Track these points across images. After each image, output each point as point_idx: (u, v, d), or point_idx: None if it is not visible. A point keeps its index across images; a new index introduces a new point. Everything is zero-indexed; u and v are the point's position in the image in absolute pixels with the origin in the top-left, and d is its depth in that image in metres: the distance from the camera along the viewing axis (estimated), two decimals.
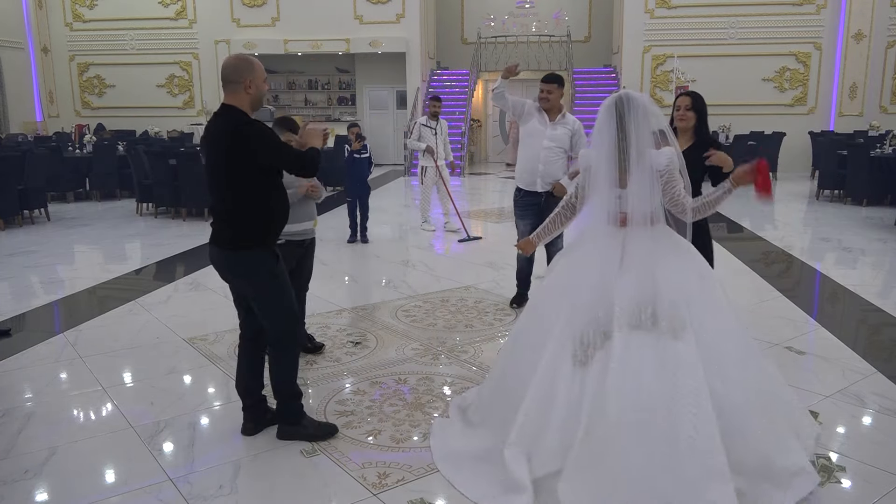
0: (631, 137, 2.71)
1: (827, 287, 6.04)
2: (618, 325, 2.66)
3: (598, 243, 2.85)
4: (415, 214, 10.99)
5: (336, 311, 5.22)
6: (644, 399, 2.55)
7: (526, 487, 2.62)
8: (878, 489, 2.75)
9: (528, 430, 2.74)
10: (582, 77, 17.43)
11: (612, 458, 2.53)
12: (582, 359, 2.70)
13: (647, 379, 2.58)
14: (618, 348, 2.62)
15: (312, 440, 3.13)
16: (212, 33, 17.15)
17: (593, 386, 2.63)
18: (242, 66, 2.95)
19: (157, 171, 9.51)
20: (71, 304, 5.59)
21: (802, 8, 15.77)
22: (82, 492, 2.78)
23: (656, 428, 2.52)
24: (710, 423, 2.50)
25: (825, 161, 11.66)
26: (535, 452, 2.71)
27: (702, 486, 2.45)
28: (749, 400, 2.69)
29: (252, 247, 2.98)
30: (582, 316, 2.75)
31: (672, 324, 2.64)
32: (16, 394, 3.78)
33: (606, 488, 2.50)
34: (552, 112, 4.94)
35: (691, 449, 2.48)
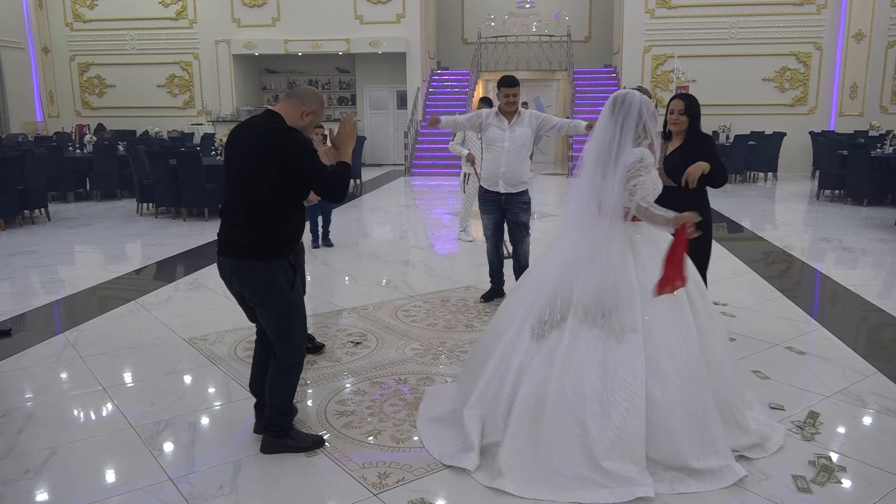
0: (616, 133, 2.92)
1: (827, 287, 6.04)
2: (573, 312, 2.89)
3: (575, 234, 3.05)
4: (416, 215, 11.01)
5: (336, 311, 5.22)
6: (580, 388, 2.77)
7: (473, 447, 2.90)
8: (879, 489, 2.75)
9: (485, 395, 3.02)
10: (582, 77, 17.43)
11: (543, 429, 2.77)
12: (539, 332, 2.94)
13: (586, 370, 2.79)
14: (568, 334, 2.86)
15: (297, 452, 3.04)
16: (212, 33, 17.15)
17: (539, 371, 2.86)
18: (316, 98, 2.96)
19: (158, 171, 9.51)
20: (71, 304, 5.59)
21: (803, 8, 15.78)
22: (82, 492, 2.78)
23: (586, 415, 2.74)
24: (639, 419, 2.72)
25: (826, 161, 11.66)
26: (488, 417, 2.97)
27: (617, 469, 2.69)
28: (682, 409, 2.78)
29: (271, 256, 2.86)
30: (545, 297, 2.98)
31: (622, 324, 2.81)
32: (16, 394, 3.78)
33: (534, 458, 2.77)
34: (511, 115, 5.00)
35: (616, 440, 2.71)
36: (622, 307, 2.82)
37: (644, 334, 2.81)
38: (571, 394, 2.76)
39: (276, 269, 2.87)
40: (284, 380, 3.02)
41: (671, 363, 2.80)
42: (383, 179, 14.88)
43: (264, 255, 2.85)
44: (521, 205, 5.12)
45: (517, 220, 5.16)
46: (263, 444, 3.06)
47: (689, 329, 2.88)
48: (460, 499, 2.74)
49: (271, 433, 3.06)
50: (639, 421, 2.72)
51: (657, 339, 2.82)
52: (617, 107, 2.94)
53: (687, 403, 2.79)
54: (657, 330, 2.82)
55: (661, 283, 2.76)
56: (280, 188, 2.82)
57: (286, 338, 2.97)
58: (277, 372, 3.01)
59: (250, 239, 2.84)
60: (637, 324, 2.80)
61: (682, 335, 2.86)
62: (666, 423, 2.76)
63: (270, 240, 2.85)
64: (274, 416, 3.06)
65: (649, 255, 2.94)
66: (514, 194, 5.08)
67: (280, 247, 2.89)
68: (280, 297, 2.90)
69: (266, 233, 2.84)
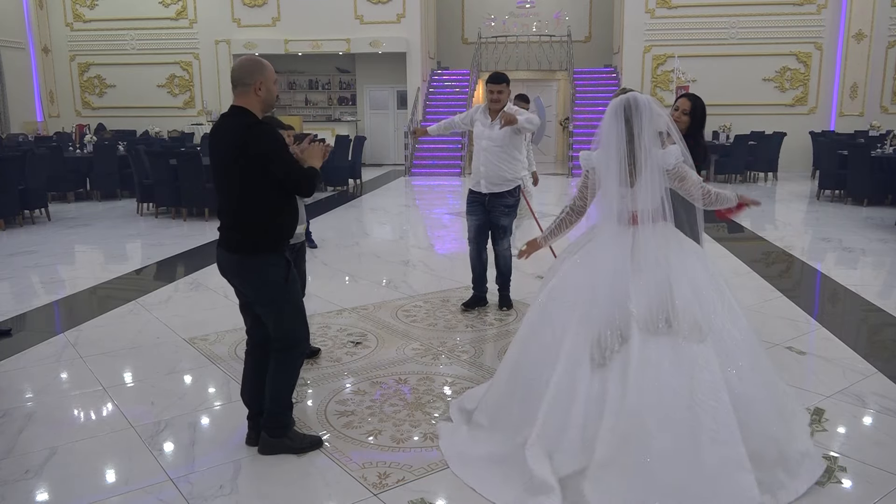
0: (637, 139, 2.80)
1: (828, 287, 6.04)
2: (635, 327, 2.72)
3: (607, 242, 2.89)
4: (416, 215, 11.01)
5: (336, 311, 5.22)
6: (664, 395, 2.62)
7: (553, 487, 2.61)
8: (879, 489, 2.75)
9: (548, 429, 2.74)
10: (582, 77, 17.43)
11: (636, 453, 2.58)
12: (600, 361, 2.73)
13: (666, 376, 2.65)
14: (636, 349, 2.69)
15: (296, 453, 3.01)
16: (212, 33, 17.16)
17: (614, 385, 2.68)
18: (252, 68, 2.88)
19: (158, 171, 9.51)
20: (71, 304, 5.59)
21: (803, 8, 15.77)
22: (83, 492, 2.78)
23: (678, 421, 2.59)
24: (729, 415, 2.60)
25: (826, 161, 11.66)
26: (556, 451, 2.71)
27: (724, 476, 2.54)
28: (761, 392, 2.77)
29: (265, 251, 2.88)
30: (597, 316, 2.78)
31: (689, 327, 2.71)
32: (16, 394, 3.78)
33: (632, 483, 2.55)
34: (495, 112, 4.88)
35: (713, 441, 2.56)
36: (681, 308, 2.74)
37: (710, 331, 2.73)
38: (655, 407, 2.61)
39: (270, 263, 2.89)
40: (284, 371, 3.02)
41: (738, 354, 2.77)
42: (383, 179, 14.88)
43: (258, 251, 2.88)
44: (503, 207, 4.95)
45: (497, 222, 5.00)
46: (261, 444, 3.05)
47: (740, 318, 2.87)
48: (460, 499, 2.73)
49: (269, 432, 3.03)
50: (728, 417, 2.60)
51: (719, 332, 2.75)
52: (631, 111, 2.80)
53: (765, 388, 2.79)
54: (717, 324, 2.76)
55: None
56: (260, 187, 2.83)
57: (285, 330, 2.97)
58: (277, 364, 3.01)
59: (243, 235, 2.88)
60: (700, 322, 2.72)
61: (737, 325, 2.83)
62: (751, 412, 2.68)
63: (263, 235, 2.88)
64: (274, 409, 3.03)
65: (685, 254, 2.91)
66: (498, 195, 4.92)
67: (274, 242, 2.91)
68: (276, 292, 2.92)
69: (258, 229, 2.87)
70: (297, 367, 3.08)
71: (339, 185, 13.11)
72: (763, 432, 2.71)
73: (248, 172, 2.81)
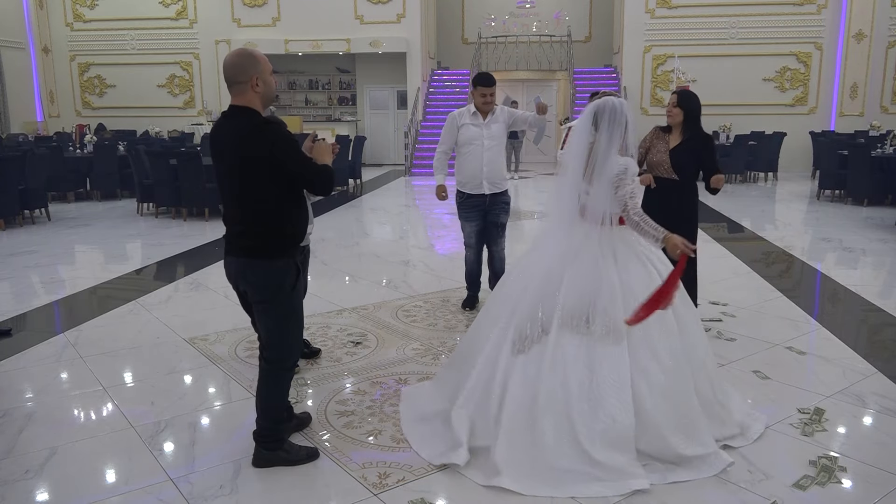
0: (602, 142, 2.99)
1: (828, 287, 6.04)
2: (556, 323, 2.94)
3: (557, 235, 3.13)
4: (416, 215, 11.01)
5: (336, 311, 5.22)
6: (569, 385, 2.85)
7: (462, 443, 2.93)
8: (879, 489, 2.75)
9: (472, 398, 3.07)
10: (582, 77, 17.42)
11: (536, 434, 2.83)
12: (520, 348, 3.00)
13: (574, 371, 2.87)
14: (552, 342, 2.92)
15: (291, 465, 2.93)
16: (212, 33, 17.16)
17: (526, 371, 2.93)
18: (247, 63, 2.72)
19: (158, 171, 9.51)
20: (71, 303, 5.59)
21: (803, 8, 15.78)
22: (83, 492, 2.78)
23: (574, 413, 2.81)
24: (628, 415, 2.81)
25: (826, 161, 11.66)
26: (477, 418, 3.01)
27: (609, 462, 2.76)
28: (667, 403, 2.88)
29: (277, 256, 2.79)
30: (525, 306, 3.04)
31: (606, 329, 2.88)
32: (16, 394, 3.78)
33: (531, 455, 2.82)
34: (486, 113, 4.94)
35: (604, 435, 2.78)
36: (605, 311, 2.89)
37: (627, 335, 2.87)
38: (560, 392, 2.84)
39: (283, 269, 2.80)
40: (276, 385, 2.93)
41: (655, 362, 2.89)
42: (383, 179, 14.89)
43: (273, 255, 2.79)
44: (503, 205, 5.03)
45: (497, 220, 5.04)
46: (255, 457, 2.95)
47: (670, 326, 2.95)
48: (460, 499, 2.73)
49: (262, 445, 2.94)
50: (627, 417, 2.80)
51: (640, 339, 2.89)
52: (605, 115, 2.98)
53: (672, 400, 2.88)
54: (640, 330, 2.87)
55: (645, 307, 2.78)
56: (271, 190, 2.73)
57: (281, 340, 2.89)
58: (268, 375, 2.92)
59: (258, 240, 2.78)
60: (620, 326, 2.86)
61: (665, 333, 2.93)
62: (653, 419, 2.84)
63: (277, 239, 2.79)
64: (266, 425, 2.93)
65: (628, 259, 3.04)
66: (498, 194, 4.99)
67: (288, 245, 2.82)
68: (282, 299, 2.84)
69: (271, 233, 2.78)
70: (288, 380, 2.99)
71: (339, 185, 13.11)
72: (659, 436, 2.85)
73: (259, 174, 2.69)
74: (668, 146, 4.42)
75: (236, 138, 2.72)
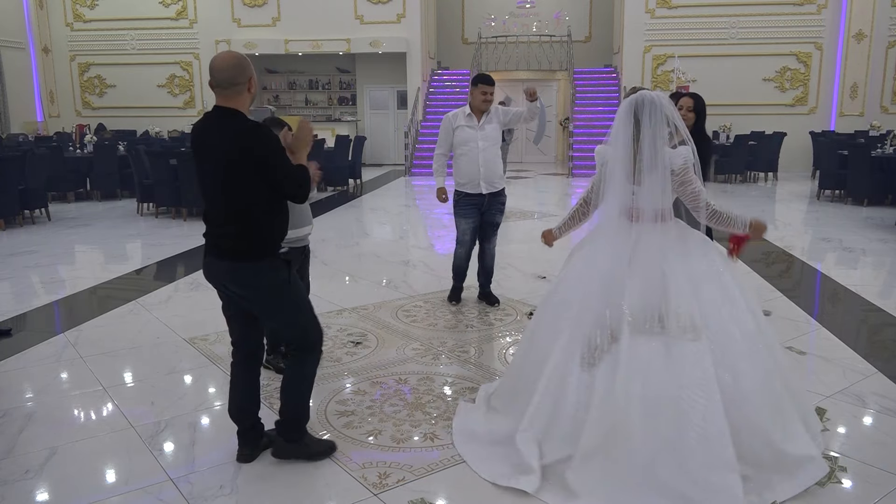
0: (646, 137, 2.78)
1: (828, 287, 6.04)
2: (626, 327, 2.74)
3: (609, 239, 2.92)
4: (416, 215, 11.00)
5: (336, 311, 5.22)
6: (652, 391, 2.64)
7: (534, 470, 2.73)
8: (879, 489, 2.75)
9: (538, 419, 2.86)
10: (582, 77, 17.43)
11: (620, 446, 2.62)
12: (590, 360, 2.78)
13: (655, 374, 2.66)
14: (625, 349, 2.71)
15: (311, 459, 2.96)
16: (212, 33, 17.15)
17: (602, 385, 2.72)
18: (243, 64, 2.71)
19: (158, 171, 9.51)
20: (71, 303, 5.59)
21: (803, 8, 15.78)
22: (83, 492, 2.78)
23: (665, 417, 2.61)
24: (719, 414, 2.59)
25: (826, 161, 11.66)
26: (545, 440, 2.83)
27: (709, 474, 2.54)
28: (758, 391, 2.75)
29: (262, 256, 2.78)
30: (590, 315, 2.83)
31: (683, 327, 2.71)
32: (16, 394, 3.78)
33: (614, 475, 2.60)
34: (481, 113, 5.00)
35: (700, 438, 2.57)
36: (677, 309, 2.73)
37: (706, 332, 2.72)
38: (641, 401, 2.63)
39: (268, 267, 2.81)
40: (304, 374, 2.94)
41: (737, 353, 2.75)
42: (383, 179, 14.88)
43: (257, 256, 2.78)
44: (499, 205, 5.15)
45: (493, 220, 5.17)
46: (276, 448, 2.98)
47: (744, 318, 2.84)
48: (460, 499, 2.74)
49: (287, 436, 2.96)
50: (718, 416, 2.59)
51: (716, 332, 2.74)
52: (644, 110, 2.79)
53: (761, 389, 2.75)
54: (715, 323, 2.76)
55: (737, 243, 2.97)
56: (258, 191, 2.73)
57: (300, 330, 2.90)
58: (296, 366, 2.93)
59: (242, 243, 2.76)
60: (695, 321, 2.71)
61: (739, 324, 2.81)
62: (744, 413, 2.67)
63: (261, 240, 2.79)
64: (294, 414, 2.95)
65: (688, 253, 2.90)
66: (495, 194, 5.08)
67: (271, 245, 2.84)
68: (281, 295, 2.83)
69: (256, 235, 2.77)
70: (315, 369, 2.99)
71: (339, 185, 13.11)
72: (756, 434, 2.70)
73: (247, 176, 2.69)
74: None
75: (231, 139, 2.68)
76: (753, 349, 2.84)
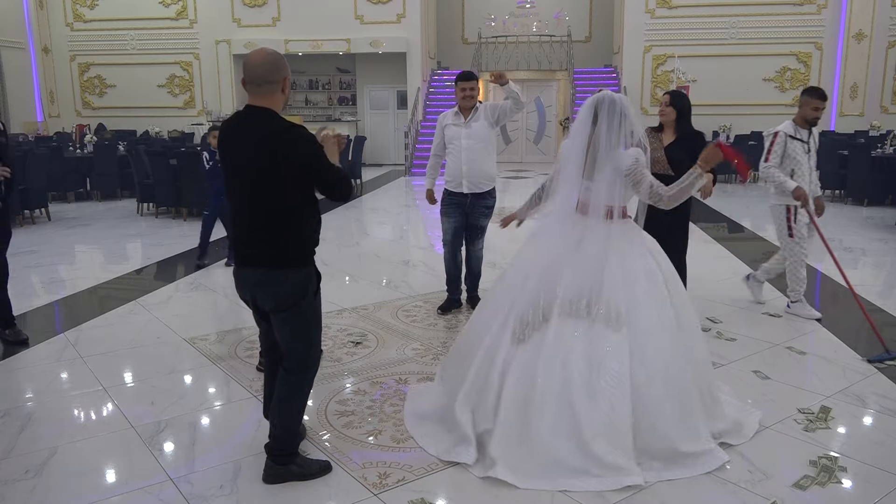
0: (601, 134, 2.97)
1: (828, 287, 6.04)
2: (557, 311, 2.93)
3: (556, 229, 3.13)
4: (416, 215, 11.00)
5: (336, 311, 5.22)
6: (567, 375, 2.83)
7: (471, 440, 2.94)
8: (879, 489, 2.75)
9: (473, 391, 3.07)
10: (582, 77, 17.43)
11: (533, 423, 2.82)
12: (520, 336, 2.99)
13: (574, 358, 2.85)
14: (553, 329, 2.92)
15: (303, 479, 2.83)
16: (213, 33, 17.16)
17: (525, 360, 2.92)
18: (280, 63, 2.60)
19: (158, 171, 9.51)
20: (72, 303, 5.59)
21: (803, 8, 15.77)
22: (83, 492, 2.78)
23: (574, 402, 2.79)
24: (625, 406, 2.79)
25: (826, 161, 11.63)
26: (476, 409, 3.03)
27: (607, 457, 2.75)
28: (666, 395, 2.88)
29: (298, 264, 2.68)
30: (526, 298, 3.03)
31: (607, 315, 2.88)
32: (16, 393, 3.78)
33: (528, 450, 2.81)
34: (467, 111, 4.89)
35: (604, 426, 2.77)
36: (605, 297, 2.89)
37: (628, 324, 2.87)
38: (558, 381, 2.83)
39: (306, 276, 2.71)
40: (298, 395, 2.83)
41: (654, 352, 2.88)
42: (383, 179, 14.89)
43: (295, 264, 2.67)
44: (485, 209, 4.96)
45: (476, 223, 5.00)
46: (266, 472, 2.83)
47: (669, 319, 2.95)
48: (460, 499, 2.74)
49: (275, 459, 2.83)
50: (625, 407, 2.78)
51: (640, 328, 2.88)
52: (603, 108, 2.98)
53: (671, 391, 2.88)
54: (640, 320, 2.89)
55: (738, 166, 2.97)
56: (298, 196, 2.63)
57: (303, 348, 2.79)
58: (289, 386, 2.80)
59: (276, 249, 2.63)
60: (621, 313, 2.86)
61: (663, 324, 2.93)
62: (651, 410, 2.83)
63: (297, 246, 2.68)
64: (283, 437, 2.83)
65: (630, 250, 3.04)
66: (480, 195, 4.91)
67: (308, 251, 2.73)
68: (304, 307, 2.73)
69: (291, 241, 2.65)
70: (309, 390, 2.88)
71: None
72: (654, 431, 2.84)
73: (280, 180, 2.55)
74: (661, 144, 4.55)
75: (265, 139, 2.55)
76: (673, 351, 2.93)
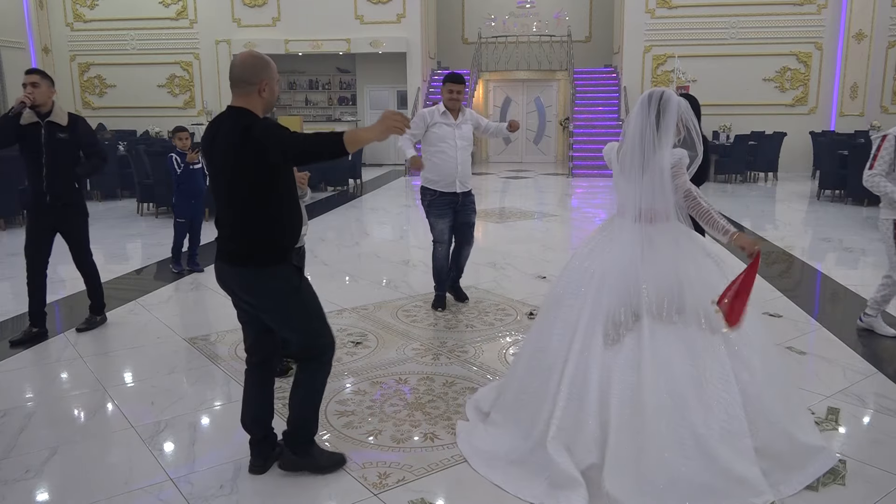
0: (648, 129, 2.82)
1: (828, 287, 6.04)
2: (646, 310, 2.75)
3: (618, 234, 2.95)
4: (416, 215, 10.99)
5: (336, 311, 5.22)
6: (676, 387, 2.64)
7: (579, 481, 2.61)
8: (879, 489, 2.75)
9: (567, 421, 2.75)
10: (582, 77, 17.43)
11: (650, 445, 2.59)
12: (614, 337, 2.76)
13: (677, 367, 2.67)
14: (647, 337, 2.70)
15: (319, 472, 2.86)
16: (213, 33, 17.16)
17: (624, 371, 2.70)
18: (259, 65, 2.64)
19: (158, 170, 9.50)
20: (72, 303, 5.59)
21: (803, 8, 15.77)
22: (83, 492, 2.78)
23: (690, 413, 2.61)
24: (738, 407, 2.63)
25: (826, 161, 11.66)
26: (574, 443, 2.71)
27: (734, 468, 2.56)
28: (769, 388, 2.78)
29: (271, 263, 2.67)
30: (611, 296, 2.81)
31: (697, 317, 2.74)
32: (16, 393, 3.78)
33: (648, 476, 2.56)
34: (456, 112, 5.06)
35: (724, 432, 2.60)
36: (689, 300, 2.76)
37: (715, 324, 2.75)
38: (666, 395, 2.61)
39: (278, 274, 2.70)
40: (314, 383, 2.84)
41: (750, 351, 2.78)
42: (383, 179, 14.88)
43: (265, 263, 2.68)
44: (472, 204, 5.22)
45: (469, 220, 5.20)
46: (284, 461, 2.88)
47: (751, 317, 2.85)
48: (460, 499, 2.74)
49: (294, 449, 2.86)
50: (739, 410, 2.63)
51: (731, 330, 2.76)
52: (653, 104, 2.84)
53: (775, 388, 2.80)
54: None
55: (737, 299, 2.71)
56: (256, 187, 2.61)
57: (310, 339, 2.79)
58: (306, 375, 2.82)
59: (248, 248, 2.67)
60: (710, 314, 2.73)
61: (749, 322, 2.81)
62: (763, 409, 2.71)
63: (267, 247, 2.68)
64: (301, 424, 2.85)
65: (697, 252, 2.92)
66: (467, 193, 5.15)
67: (279, 252, 2.71)
68: (291, 302, 2.73)
69: (262, 241, 2.67)
70: (326, 377, 2.89)
71: (340, 185, 13.11)
72: (772, 426, 2.72)
73: (251, 175, 2.58)
74: None
75: (230, 140, 2.60)
76: (763, 347, 2.87)
